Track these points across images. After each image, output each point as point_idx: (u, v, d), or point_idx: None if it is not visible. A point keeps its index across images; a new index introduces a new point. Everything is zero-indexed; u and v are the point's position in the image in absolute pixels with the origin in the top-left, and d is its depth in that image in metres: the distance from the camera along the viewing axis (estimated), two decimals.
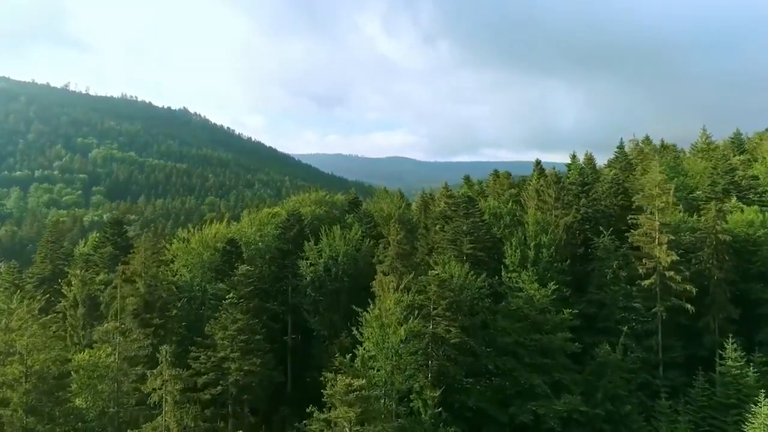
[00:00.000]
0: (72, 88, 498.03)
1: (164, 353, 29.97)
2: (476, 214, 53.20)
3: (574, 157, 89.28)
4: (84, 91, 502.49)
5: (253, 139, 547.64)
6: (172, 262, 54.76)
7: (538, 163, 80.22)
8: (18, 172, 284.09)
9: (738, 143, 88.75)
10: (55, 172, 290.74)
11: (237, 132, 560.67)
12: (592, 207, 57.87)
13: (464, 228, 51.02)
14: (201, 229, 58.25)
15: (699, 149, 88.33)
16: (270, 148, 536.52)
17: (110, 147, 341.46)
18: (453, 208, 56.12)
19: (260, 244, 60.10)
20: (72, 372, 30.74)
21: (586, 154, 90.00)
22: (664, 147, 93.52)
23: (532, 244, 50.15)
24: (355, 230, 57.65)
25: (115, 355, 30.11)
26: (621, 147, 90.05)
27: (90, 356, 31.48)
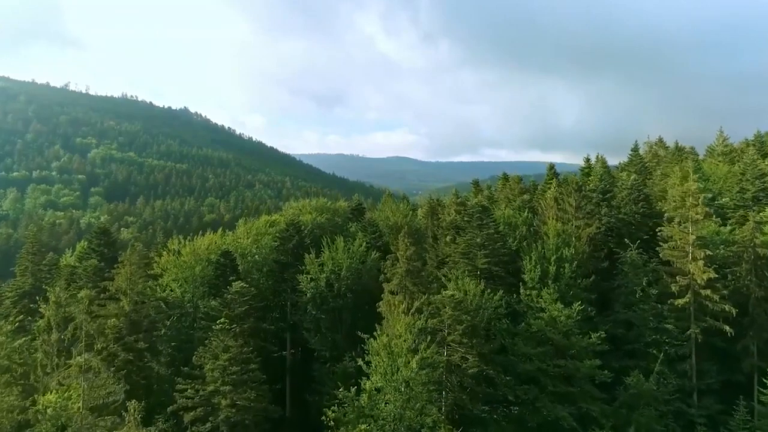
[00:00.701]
0: (72, 87, 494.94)
1: (132, 410, 25.67)
2: (490, 225, 48.96)
3: (588, 160, 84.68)
4: (84, 91, 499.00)
5: (254, 139, 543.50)
6: (162, 276, 50.65)
7: (551, 167, 75.92)
8: (15, 173, 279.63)
9: (759, 145, 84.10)
10: (54, 173, 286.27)
11: (238, 132, 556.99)
12: (614, 216, 53.68)
13: (478, 240, 46.89)
14: (193, 240, 53.99)
15: (719, 152, 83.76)
16: (271, 148, 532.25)
17: (109, 147, 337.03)
18: (466, 219, 51.89)
19: (257, 256, 55.89)
20: (38, 415, 26.58)
21: (598, 157, 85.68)
22: (678, 149, 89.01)
23: (552, 259, 45.89)
24: (360, 241, 53.43)
25: (80, 402, 25.95)
26: (635, 149, 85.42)
27: (58, 398, 27.44)
